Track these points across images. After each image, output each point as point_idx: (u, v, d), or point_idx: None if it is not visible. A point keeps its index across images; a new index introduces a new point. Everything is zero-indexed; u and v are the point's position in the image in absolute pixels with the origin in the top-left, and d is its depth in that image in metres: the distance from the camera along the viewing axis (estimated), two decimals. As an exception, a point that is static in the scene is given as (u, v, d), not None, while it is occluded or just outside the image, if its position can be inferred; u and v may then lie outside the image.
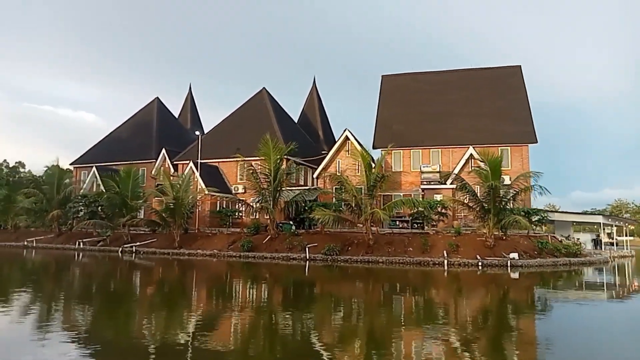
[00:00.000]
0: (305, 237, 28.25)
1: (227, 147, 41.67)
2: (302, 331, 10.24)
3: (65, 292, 16.49)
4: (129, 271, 25.31)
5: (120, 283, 19.87)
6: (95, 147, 49.90)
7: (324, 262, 25.60)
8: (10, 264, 28.82)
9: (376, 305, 14.22)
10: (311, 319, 11.82)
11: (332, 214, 26.03)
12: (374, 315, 12.32)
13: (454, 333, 9.78)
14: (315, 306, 14.05)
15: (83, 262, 29.75)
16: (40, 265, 28.17)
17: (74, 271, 24.68)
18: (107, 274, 23.35)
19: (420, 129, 37.59)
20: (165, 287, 18.78)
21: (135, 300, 14.76)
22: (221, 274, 24.11)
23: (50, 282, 20.11)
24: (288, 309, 13.40)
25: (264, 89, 46.74)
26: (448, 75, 41.93)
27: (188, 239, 32.04)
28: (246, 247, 28.22)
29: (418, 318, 11.97)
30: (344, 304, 14.42)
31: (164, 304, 14.20)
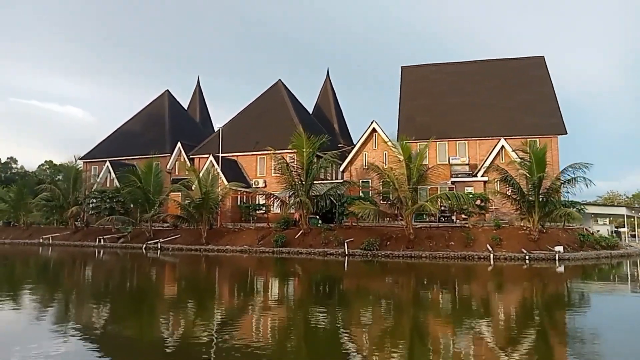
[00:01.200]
0: (339, 231, 27.52)
1: (245, 140, 40.81)
2: (366, 331, 9.65)
3: (107, 294, 15.60)
4: (163, 269, 24.48)
5: (161, 282, 19.05)
6: (105, 141, 48.67)
7: (364, 258, 24.93)
8: (34, 263, 27.81)
9: (436, 303, 13.73)
10: (372, 318, 11.26)
11: (372, 207, 25.33)
12: (436, 313, 11.84)
13: (533, 333, 9.34)
14: (374, 304, 13.43)
15: (109, 260, 28.82)
16: (66, 264, 27.21)
17: (105, 270, 23.75)
18: (142, 273, 22.49)
19: (445, 121, 36.91)
20: (208, 286, 18.05)
21: (186, 302, 13.95)
22: (261, 270, 23.37)
23: (85, 282, 19.23)
24: (343, 307, 12.93)
25: (279, 81, 45.84)
26: (469, 66, 41.31)
27: (214, 234, 31.18)
28: (279, 242, 27.44)
29: (487, 314, 11.59)
30: (403, 301, 13.93)
31: (216, 304, 13.50)
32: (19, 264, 26.95)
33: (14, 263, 27.80)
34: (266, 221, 32.56)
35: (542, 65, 39.54)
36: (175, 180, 39.28)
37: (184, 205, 30.10)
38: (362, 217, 25.88)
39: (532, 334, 9.44)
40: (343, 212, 28.38)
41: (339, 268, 22.96)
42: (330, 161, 29.45)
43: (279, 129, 40.11)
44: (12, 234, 40.49)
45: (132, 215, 35.68)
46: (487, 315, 11.37)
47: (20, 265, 26.25)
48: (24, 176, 75.01)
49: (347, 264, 23.84)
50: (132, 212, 36.47)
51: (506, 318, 11.27)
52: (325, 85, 52.70)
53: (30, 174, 77.98)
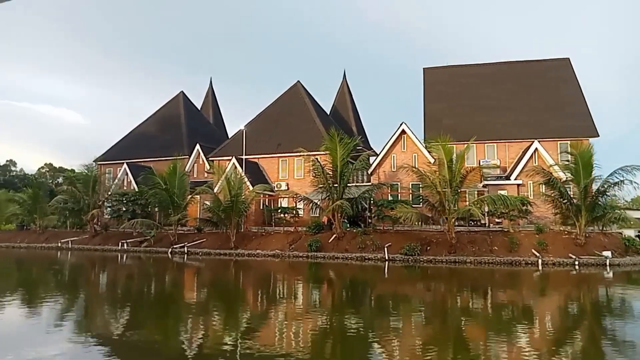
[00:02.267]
0: (375, 236, 26.75)
1: (267, 142, 39.99)
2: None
3: (146, 303, 14.91)
4: (197, 275, 23.68)
5: (200, 290, 18.33)
6: (119, 143, 47.74)
7: (405, 263, 24.20)
8: (60, 268, 26.93)
9: (497, 311, 13.15)
10: (435, 329, 10.79)
11: (414, 211, 24.60)
12: (505, 324, 11.26)
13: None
14: (434, 313, 12.87)
15: (136, 265, 28.03)
16: (92, 269, 26.36)
17: (137, 276, 22.94)
18: (176, 279, 21.74)
19: (472, 123, 36.24)
20: (251, 293, 17.37)
21: (232, 311, 13.29)
22: (302, 276, 22.67)
23: (120, 289, 18.45)
24: (398, 315, 12.53)
25: (298, 83, 45.09)
26: (493, 68, 40.77)
27: (242, 238, 30.35)
28: (314, 247, 26.66)
29: (556, 324, 11.27)
30: (463, 310, 13.41)
31: (263, 313, 13.02)
32: (44, 270, 26.07)
33: (39, 269, 26.92)
34: (293, 225, 31.71)
35: (568, 67, 39.05)
36: (193, 183, 38.38)
37: (213, 209, 29.23)
38: (402, 221, 25.10)
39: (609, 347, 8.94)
40: (380, 216, 27.58)
41: (381, 274, 22.26)
42: (364, 163, 28.72)
43: (302, 131, 39.42)
44: (28, 237, 39.50)
45: (153, 219, 34.84)
46: (557, 326, 10.94)
47: (46, 271, 25.37)
48: (24, 179, 74.00)
49: (387, 270, 23.16)
50: (153, 216, 35.65)
51: (580, 329, 10.79)
52: (342, 86, 51.97)
53: (29, 176, 76.94)
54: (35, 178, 75.50)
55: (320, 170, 27.82)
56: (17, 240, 39.52)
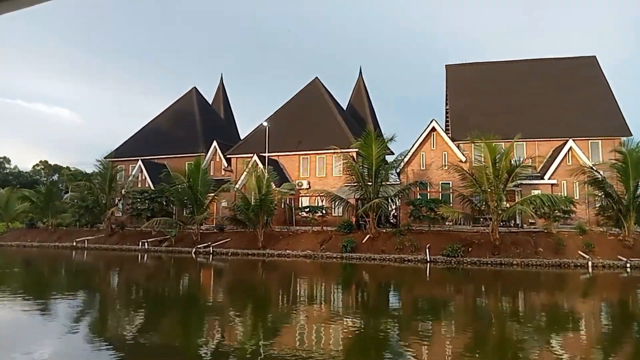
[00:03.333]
0: (412, 236, 25.83)
1: (286, 140, 38.96)
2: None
3: (183, 310, 13.91)
4: (228, 277, 22.60)
5: (236, 294, 17.29)
6: (131, 139, 46.49)
7: (447, 265, 23.30)
8: (79, 269, 25.80)
9: (564, 319, 12.49)
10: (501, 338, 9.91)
11: (460, 211, 23.73)
12: (570, 331, 10.43)
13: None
14: (500, 321, 12.01)
15: (159, 266, 26.97)
16: (114, 271, 25.26)
17: (164, 279, 21.81)
18: (206, 283, 20.72)
19: (500, 121, 35.45)
20: (291, 297, 16.40)
21: (275, 317, 12.47)
22: (342, 278, 21.75)
23: (152, 292, 17.47)
24: (455, 321, 11.92)
25: (316, 79, 44.10)
26: (518, 66, 40.04)
27: (269, 238, 29.31)
28: (349, 247, 25.71)
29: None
30: (525, 316, 12.64)
31: (313, 319, 12.13)
32: (65, 271, 24.96)
33: (58, 270, 25.81)
34: (320, 224, 30.70)
35: (595, 65, 38.38)
36: (210, 181, 37.21)
37: (241, 207, 28.16)
38: (440, 221, 24.21)
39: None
40: (416, 215, 26.68)
41: (426, 276, 21.39)
42: (399, 162, 27.83)
43: (323, 128, 38.45)
44: (39, 236, 38.13)
45: (173, 217, 33.72)
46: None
47: (67, 273, 24.27)
48: (18, 176, 72.61)
49: (430, 272, 22.28)
50: (173, 214, 34.53)
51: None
52: (357, 83, 51.00)
53: (24, 174, 75.49)
54: (30, 176, 74.18)
55: (355, 168, 26.79)
56: (27, 239, 38.15)
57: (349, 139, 37.35)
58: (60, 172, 76.74)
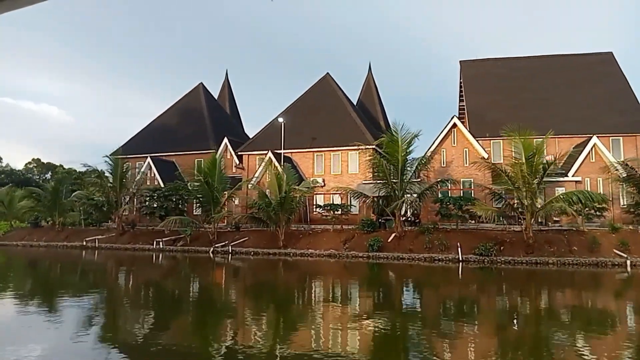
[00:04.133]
0: (439, 235, 25.17)
1: (299, 136, 38.14)
2: None
3: (213, 313, 13.16)
4: (252, 278, 21.66)
5: (264, 296, 16.45)
6: (137, 137, 45.44)
7: (479, 264, 22.67)
8: (97, 270, 24.85)
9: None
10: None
11: (494, 209, 23.11)
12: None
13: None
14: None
15: (180, 267, 26.04)
16: (135, 272, 24.34)
17: (187, 280, 20.95)
18: (229, 284, 19.87)
19: (518, 118, 34.88)
20: (323, 299, 15.60)
21: (311, 321, 11.68)
22: (374, 279, 21.00)
23: (179, 295, 16.65)
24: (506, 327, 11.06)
25: (328, 75, 43.34)
26: (533, 62, 39.60)
27: (289, 237, 28.52)
28: (376, 246, 25.01)
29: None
30: (581, 321, 11.89)
31: (352, 323, 11.32)
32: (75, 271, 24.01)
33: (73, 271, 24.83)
34: (340, 223, 29.95)
35: (612, 61, 38.05)
36: (226, 178, 36.21)
37: (262, 206, 27.33)
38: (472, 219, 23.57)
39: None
40: (444, 213, 26.04)
41: (459, 276, 20.73)
42: (428, 158, 27.17)
43: (337, 125, 37.72)
44: (45, 235, 37.02)
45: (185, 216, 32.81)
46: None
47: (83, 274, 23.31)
48: (10, 174, 71.21)
49: (464, 272, 21.63)
50: (185, 212, 33.62)
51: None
52: (367, 80, 50.29)
53: (17, 172, 74.10)
54: (23, 174, 72.63)
55: (382, 164, 26.05)
56: (33, 239, 37.03)
57: (364, 135, 36.69)
58: (55, 170, 75.59)
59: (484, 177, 31.36)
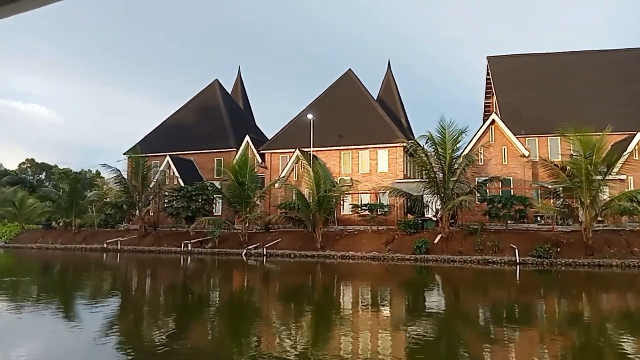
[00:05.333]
0: (489, 236, 23.98)
1: (324, 134, 36.82)
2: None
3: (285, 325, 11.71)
4: (300, 283, 20.22)
5: (319, 302, 15.05)
6: (152, 135, 43.89)
7: (537, 267, 21.52)
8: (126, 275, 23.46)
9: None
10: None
11: (555, 208, 21.98)
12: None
13: None
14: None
15: (216, 270, 24.80)
16: (170, 276, 23.00)
17: (230, 285, 19.66)
18: (273, 289, 18.44)
19: (554, 115, 33.85)
20: (395, 308, 14.24)
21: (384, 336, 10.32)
22: (433, 283, 19.87)
23: (224, 302, 15.25)
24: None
25: (350, 71, 42.06)
26: (568, 58, 38.58)
27: (326, 238, 27.23)
28: (423, 248, 23.80)
29: None
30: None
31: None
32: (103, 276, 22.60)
33: (98, 275, 23.42)
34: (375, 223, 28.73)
35: (646, 57, 37.08)
36: (257, 177, 34.83)
37: (300, 205, 26.06)
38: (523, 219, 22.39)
39: None
40: (493, 213, 24.89)
41: (520, 280, 19.58)
42: (472, 157, 26.03)
43: (364, 122, 36.48)
44: (60, 238, 35.49)
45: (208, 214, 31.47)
46: None
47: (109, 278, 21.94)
48: (4, 174, 69.57)
49: (521, 275, 20.46)
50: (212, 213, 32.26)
51: None
52: (386, 76, 49.08)
53: (10, 172, 72.41)
54: (17, 174, 70.79)
55: (428, 162, 24.84)
56: (48, 241, 35.50)
57: (394, 133, 35.51)
58: (50, 170, 73.97)
59: (523, 175, 30.34)
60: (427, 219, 28.30)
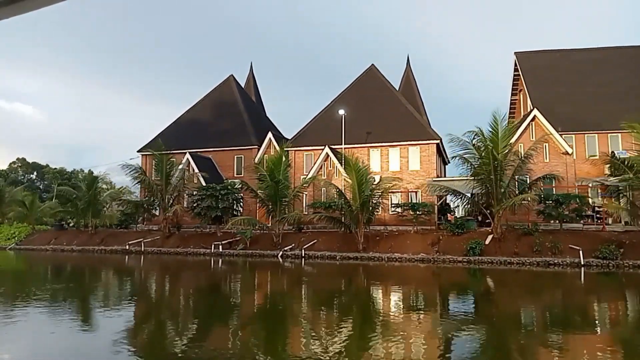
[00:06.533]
0: (551, 237, 22.79)
1: (350, 131, 35.52)
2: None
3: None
4: (351, 288, 18.71)
5: (387, 311, 13.59)
6: (166, 131, 42.20)
7: (603, 269, 20.42)
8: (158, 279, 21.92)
9: None
10: None
11: (622, 207, 20.91)
12: None
13: None
14: None
15: (254, 274, 23.19)
16: (213, 281, 21.55)
17: (279, 291, 18.12)
18: (338, 295, 16.97)
19: (590, 111, 33.02)
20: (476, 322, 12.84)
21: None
22: (502, 289, 18.48)
23: (283, 312, 13.69)
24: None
25: (373, 66, 40.81)
26: (601, 53, 37.63)
27: (365, 239, 25.91)
28: (477, 250, 22.61)
29: None
30: None
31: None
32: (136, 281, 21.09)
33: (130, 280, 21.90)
34: (415, 224, 27.52)
35: (679, 53, 36.29)
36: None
37: (341, 205, 24.73)
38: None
39: None
40: (547, 212, 23.79)
41: (593, 283, 18.48)
42: (532, 150, 24.87)
43: (394, 118, 35.27)
44: (76, 239, 33.75)
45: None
46: None
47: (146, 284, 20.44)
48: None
49: (586, 277, 19.37)
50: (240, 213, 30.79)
51: None
52: (406, 73, 47.91)
53: (1, 171, 70.31)
54: (7, 174, 68.57)
55: (480, 159, 23.64)
56: (62, 242, 33.76)
57: (426, 129, 34.38)
58: (42, 170, 71.91)
59: (566, 173, 29.30)
60: (470, 219, 27.15)
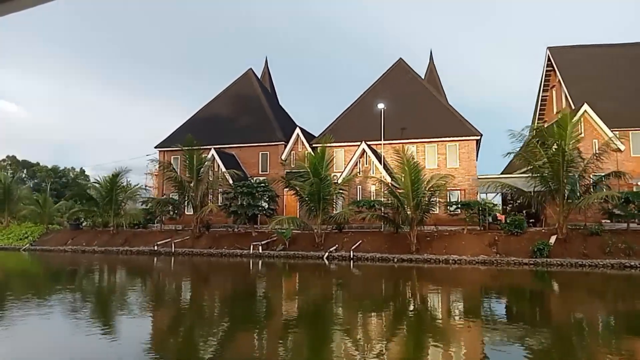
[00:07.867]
0: (623, 237, 21.58)
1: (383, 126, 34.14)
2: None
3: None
4: (424, 294, 17.24)
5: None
6: (184, 127, 40.33)
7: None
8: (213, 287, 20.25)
9: None
10: None
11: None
12: None
13: None
14: None
15: (307, 278, 21.55)
16: (267, 287, 19.98)
17: (346, 300, 16.52)
18: (406, 302, 15.49)
19: (632, 108, 32.05)
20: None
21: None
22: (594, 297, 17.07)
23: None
24: None
25: (401, 60, 39.41)
26: (631, 49, 36.67)
27: (417, 240, 24.51)
28: (545, 251, 21.34)
29: None
30: None
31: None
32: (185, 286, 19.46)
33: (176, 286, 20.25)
34: (454, 224, 26.20)
35: None
36: (290, 173, 31.88)
37: (396, 204, 23.30)
38: None
39: None
40: (613, 212, 22.65)
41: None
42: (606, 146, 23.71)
43: (429, 114, 33.99)
44: (96, 239, 31.83)
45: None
46: None
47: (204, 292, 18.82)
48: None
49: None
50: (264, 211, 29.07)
51: None
52: (429, 67, 46.69)
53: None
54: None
55: (545, 156, 22.36)
56: (81, 243, 31.84)
57: (465, 124, 33.05)
58: (32, 168, 69.61)
59: (617, 170, 28.20)
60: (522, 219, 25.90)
